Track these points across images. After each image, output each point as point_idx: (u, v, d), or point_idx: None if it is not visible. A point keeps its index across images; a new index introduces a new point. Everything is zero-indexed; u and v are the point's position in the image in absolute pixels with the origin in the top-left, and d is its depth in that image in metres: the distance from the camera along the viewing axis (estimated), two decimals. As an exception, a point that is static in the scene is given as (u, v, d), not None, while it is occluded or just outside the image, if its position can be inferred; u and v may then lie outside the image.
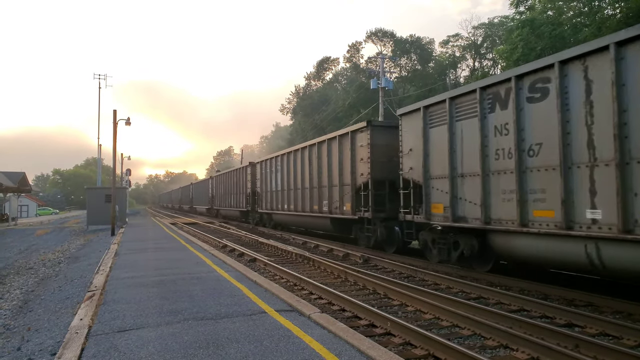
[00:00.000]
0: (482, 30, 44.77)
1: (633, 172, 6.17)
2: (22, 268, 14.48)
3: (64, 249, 18.95)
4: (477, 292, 7.81)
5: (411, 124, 10.96)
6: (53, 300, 8.23)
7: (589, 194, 6.73)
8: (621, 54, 6.38)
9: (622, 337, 5.39)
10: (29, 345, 5.54)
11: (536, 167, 7.60)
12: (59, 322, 6.42)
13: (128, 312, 6.11)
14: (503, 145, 8.26)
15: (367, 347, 4.47)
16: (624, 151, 6.28)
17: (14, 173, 40.30)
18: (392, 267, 10.62)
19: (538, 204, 7.55)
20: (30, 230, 31.41)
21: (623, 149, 6.29)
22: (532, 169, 7.68)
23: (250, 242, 17.40)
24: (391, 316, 5.96)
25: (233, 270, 9.55)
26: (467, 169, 9.13)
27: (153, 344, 4.75)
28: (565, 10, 28.44)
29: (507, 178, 8.12)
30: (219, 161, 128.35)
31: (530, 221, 7.64)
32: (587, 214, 6.77)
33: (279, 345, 4.62)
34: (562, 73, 7.20)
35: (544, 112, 7.49)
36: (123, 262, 11.26)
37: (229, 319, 5.67)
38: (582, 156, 6.86)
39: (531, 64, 7.94)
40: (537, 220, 7.52)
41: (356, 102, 43.22)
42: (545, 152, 7.46)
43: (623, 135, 6.30)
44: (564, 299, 7.20)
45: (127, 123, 25.90)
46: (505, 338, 5.23)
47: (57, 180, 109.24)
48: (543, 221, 7.41)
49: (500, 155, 8.31)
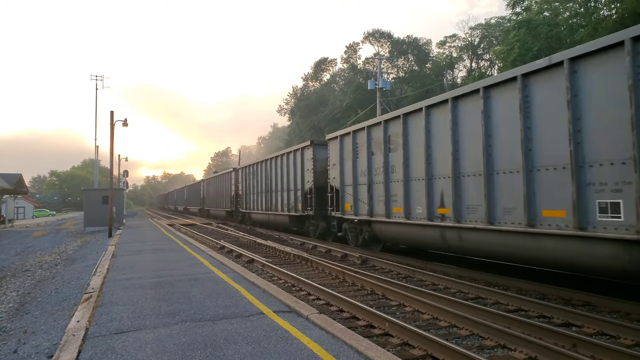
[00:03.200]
0: (479, 31, 44.92)
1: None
2: (18, 270, 14.41)
3: (60, 250, 18.88)
4: (475, 292, 7.82)
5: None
6: (50, 303, 8.19)
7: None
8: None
9: (620, 337, 5.40)
10: (26, 348, 5.51)
11: (395, 180, 11.40)
12: (55, 324, 6.39)
13: (125, 313, 6.09)
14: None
15: (365, 347, 4.47)
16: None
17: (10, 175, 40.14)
18: (390, 268, 10.62)
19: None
20: (27, 232, 31.29)
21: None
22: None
23: (247, 243, 17.37)
24: (389, 317, 5.96)
25: (231, 271, 9.53)
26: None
27: (150, 346, 4.73)
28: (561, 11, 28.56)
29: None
30: (217, 162, 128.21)
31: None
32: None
33: (277, 347, 4.61)
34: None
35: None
36: (120, 263, 11.23)
37: (226, 320, 5.66)
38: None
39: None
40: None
41: (353, 103, 43.26)
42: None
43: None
44: (561, 298, 7.21)
45: (124, 124, 25.83)
46: (503, 338, 5.23)
47: (53, 182, 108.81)
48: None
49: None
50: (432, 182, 10.01)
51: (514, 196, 7.87)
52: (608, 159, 6.39)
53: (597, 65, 6.57)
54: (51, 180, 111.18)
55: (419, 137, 10.41)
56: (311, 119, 50.81)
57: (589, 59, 6.68)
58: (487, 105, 8.50)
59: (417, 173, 10.49)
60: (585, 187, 6.69)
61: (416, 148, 10.55)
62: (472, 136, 8.89)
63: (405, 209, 10.82)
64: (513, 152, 7.91)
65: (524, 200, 7.60)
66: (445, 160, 9.53)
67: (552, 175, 7.21)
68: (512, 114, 7.93)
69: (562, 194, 7.00)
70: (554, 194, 7.17)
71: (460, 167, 9.18)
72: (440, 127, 9.79)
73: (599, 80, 6.55)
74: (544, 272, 9.17)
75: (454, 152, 9.26)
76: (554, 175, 7.17)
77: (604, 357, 4.67)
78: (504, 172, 8.15)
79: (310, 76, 58.39)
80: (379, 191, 12.11)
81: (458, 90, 9.56)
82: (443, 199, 9.66)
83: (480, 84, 8.74)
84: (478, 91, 8.66)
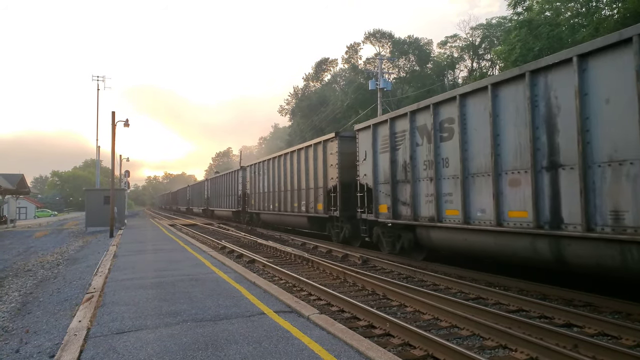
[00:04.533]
0: (480, 31, 44.81)
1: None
2: (20, 270, 14.44)
3: (62, 250, 18.91)
4: (476, 292, 7.82)
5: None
6: (51, 302, 8.21)
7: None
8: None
9: (621, 337, 5.39)
10: (28, 348, 5.52)
11: (447, 176, 9.68)
12: (57, 324, 6.40)
13: (127, 313, 6.10)
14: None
15: (366, 347, 4.47)
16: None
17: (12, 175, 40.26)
18: (391, 268, 10.62)
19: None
20: (29, 232, 31.35)
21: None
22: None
23: (249, 243, 17.38)
24: (390, 317, 5.96)
25: (232, 271, 9.54)
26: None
27: (152, 346, 4.75)
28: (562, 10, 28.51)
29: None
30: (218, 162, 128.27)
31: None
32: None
33: (277, 347, 4.62)
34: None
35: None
36: (122, 263, 11.25)
37: (228, 320, 5.67)
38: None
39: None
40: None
41: (354, 103, 43.22)
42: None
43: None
44: (562, 299, 7.21)
45: (126, 125, 25.90)
46: (504, 338, 5.23)
47: (55, 182, 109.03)
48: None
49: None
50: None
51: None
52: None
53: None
54: (53, 180, 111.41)
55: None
56: (312, 119, 50.78)
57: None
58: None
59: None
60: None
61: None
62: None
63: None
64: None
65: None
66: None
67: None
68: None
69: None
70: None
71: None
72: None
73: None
74: (544, 273, 9.16)
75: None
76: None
77: (606, 358, 4.66)
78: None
79: (311, 76, 58.36)
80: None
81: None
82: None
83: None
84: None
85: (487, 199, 8.40)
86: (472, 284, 8.16)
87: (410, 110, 10.75)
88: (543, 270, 9.22)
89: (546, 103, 7.27)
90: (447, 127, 9.59)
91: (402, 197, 11.14)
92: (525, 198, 7.63)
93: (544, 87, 7.31)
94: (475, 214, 8.74)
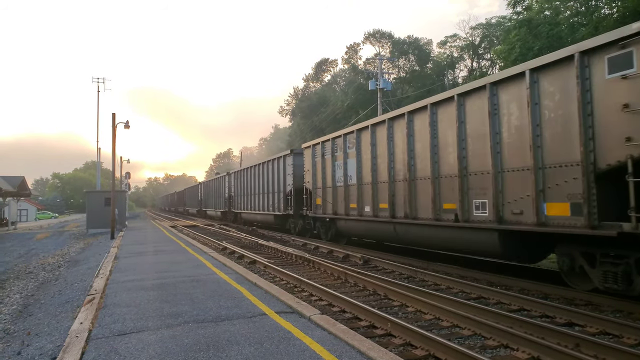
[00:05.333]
0: (480, 31, 44.79)
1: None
2: (21, 272, 14.45)
3: (63, 252, 18.92)
4: (477, 292, 7.81)
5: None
6: (53, 304, 8.22)
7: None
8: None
9: (623, 336, 5.39)
10: (29, 350, 5.53)
11: (352, 185, 13.65)
12: (59, 326, 6.41)
13: (128, 315, 6.11)
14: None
15: (367, 348, 4.47)
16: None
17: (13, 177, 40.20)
18: (392, 268, 10.62)
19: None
20: (30, 234, 31.37)
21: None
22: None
23: (250, 244, 17.39)
24: (391, 317, 5.96)
25: (233, 272, 9.54)
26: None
27: (153, 347, 4.75)
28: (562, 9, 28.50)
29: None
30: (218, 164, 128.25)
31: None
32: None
33: (279, 347, 4.62)
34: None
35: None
36: (123, 265, 11.26)
37: (229, 321, 5.67)
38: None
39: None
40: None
41: (355, 104, 43.21)
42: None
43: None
44: (564, 298, 7.20)
45: (126, 126, 25.90)
46: (505, 338, 5.23)
47: (56, 184, 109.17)
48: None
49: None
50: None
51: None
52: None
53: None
54: (54, 182, 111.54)
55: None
56: (312, 119, 50.77)
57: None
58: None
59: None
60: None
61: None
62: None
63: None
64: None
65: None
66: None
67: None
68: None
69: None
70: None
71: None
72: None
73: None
74: (546, 272, 9.16)
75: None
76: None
77: (607, 357, 4.66)
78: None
79: (311, 77, 58.38)
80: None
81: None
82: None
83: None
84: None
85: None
86: (473, 284, 8.15)
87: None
88: (545, 270, 9.23)
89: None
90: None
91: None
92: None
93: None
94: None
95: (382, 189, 12.02)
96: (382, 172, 12.06)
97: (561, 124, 7.15)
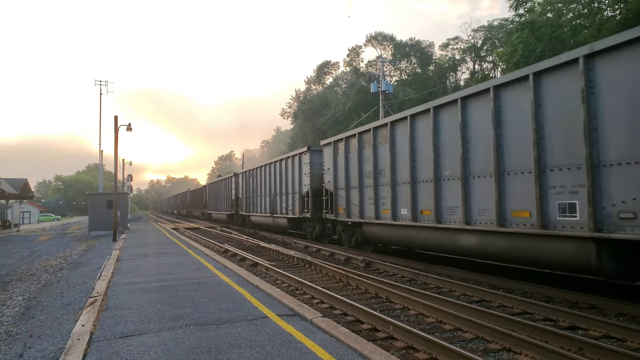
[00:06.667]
0: (482, 33, 44.81)
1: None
2: (24, 274, 14.48)
3: (65, 255, 18.95)
4: (480, 295, 7.78)
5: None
6: (55, 307, 8.22)
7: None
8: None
9: (626, 340, 5.35)
10: (31, 352, 5.53)
11: (385, 185, 11.88)
12: (60, 328, 6.41)
13: (130, 317, 6.11)
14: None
15: (369, 351, 4.46)
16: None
17: (16, 180, 40.32)
18: (394, 271, 10.59)
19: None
20: (33, 236, 31.44)
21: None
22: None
23: (251, 246, 17.38)
24: (393, 320, 5.94)
25: (235, 274, 9.54)
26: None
27: (155, 350, 4.75)
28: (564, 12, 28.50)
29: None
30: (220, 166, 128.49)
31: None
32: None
33: (281, 350, 4.61)
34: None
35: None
36: (125, 267, 11.26)
37: (230, 324, 5.66)
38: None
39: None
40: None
41: (356, 106, 43.26)
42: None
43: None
44: (567, 301, 7.17)
45: (129, 129, 25.96)
46: (508, 341, 5.20)
47: (59, 187, 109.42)
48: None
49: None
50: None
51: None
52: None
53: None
54: (56, 185, 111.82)
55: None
56: (314, 122, 50.83)
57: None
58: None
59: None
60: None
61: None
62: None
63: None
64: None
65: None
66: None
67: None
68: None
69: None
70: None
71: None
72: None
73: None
74: (548, 275, 9.13)
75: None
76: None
77: (610, 360, 4.63)
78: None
79: (313, 79, 58.50)
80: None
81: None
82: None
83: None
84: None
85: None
86: (475, 287, 8.12)
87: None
88: (548, 273, 9.19)
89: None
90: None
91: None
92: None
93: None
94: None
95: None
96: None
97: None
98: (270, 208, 22.44)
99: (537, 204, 7.28)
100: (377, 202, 12.20)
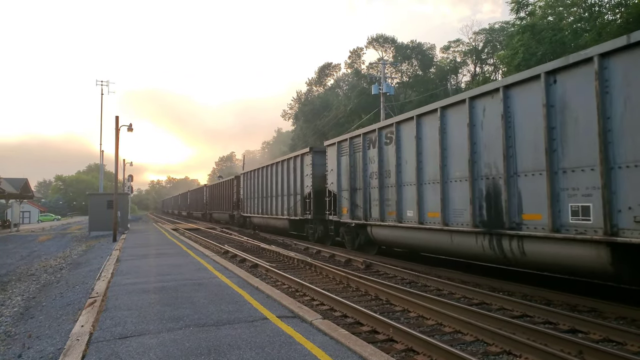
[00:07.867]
0: (483, 36, 44.87)
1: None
2: (23, 274, 14.48)
3: (65, 255, 18.95)
4: (480, 297, 7.77)
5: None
6: (54, 307, 8.21)
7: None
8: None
9: (626, 343, 5.34)
10: (30, 353, 5.52)
11: (390, 186, 11.85)
12: (60, 328, 6.40)
13: (129, 318, 6.10)
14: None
15: (369, 353, 4.45)
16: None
17: (16, 179, 40.34)
18: (394, 273, 10.58)
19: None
20: (32, 236, 31.44)
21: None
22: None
23: (251, 248, 17.37)
24: (393, 322, 5.93)
25: (235, 276, 9.53)
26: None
27: (154, 351, 4.74)
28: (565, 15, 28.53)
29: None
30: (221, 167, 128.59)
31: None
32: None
33: (280, 352, 4.60)
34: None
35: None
36: (125, 268, 11.26)
37: (230, 325, 5.65)
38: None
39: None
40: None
41: (357, 108, 43.29)
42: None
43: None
44: (567, 304, 7.15)
45: (129, 129, 25.99)
46: (508, 344, 5.19)
47: (59, 187, 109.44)
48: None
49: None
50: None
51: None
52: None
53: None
54: (56, 184, 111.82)
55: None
56: (315, 123, 50.85)
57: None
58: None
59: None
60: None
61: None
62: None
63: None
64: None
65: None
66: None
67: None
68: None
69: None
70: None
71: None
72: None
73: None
74: (549, 278, 9.11)
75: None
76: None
77: (611, 364, 4.62)
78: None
79: (314, 81, 58.54)
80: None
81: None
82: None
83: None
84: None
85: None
86: (475, 289, 8.11)
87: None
88: (548, 276, 9.18)
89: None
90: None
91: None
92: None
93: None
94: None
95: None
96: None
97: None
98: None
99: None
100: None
